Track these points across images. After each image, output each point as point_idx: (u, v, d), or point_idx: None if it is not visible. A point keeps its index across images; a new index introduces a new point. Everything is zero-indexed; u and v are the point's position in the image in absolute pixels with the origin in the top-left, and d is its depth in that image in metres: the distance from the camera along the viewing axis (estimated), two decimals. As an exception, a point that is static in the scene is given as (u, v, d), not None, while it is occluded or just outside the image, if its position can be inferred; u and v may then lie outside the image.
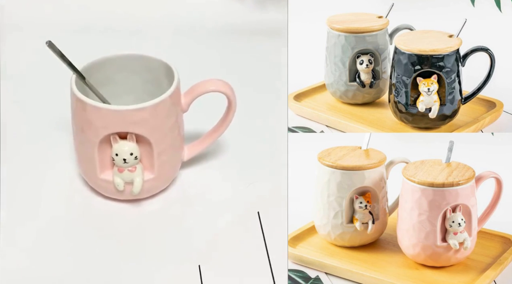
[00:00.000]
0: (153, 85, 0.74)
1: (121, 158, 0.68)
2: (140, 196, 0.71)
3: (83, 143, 0.69)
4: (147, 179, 0.70)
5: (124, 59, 0.73)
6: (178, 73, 0.70)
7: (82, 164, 0.72)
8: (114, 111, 0.66)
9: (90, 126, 0.67)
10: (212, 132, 0.75)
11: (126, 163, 0.68)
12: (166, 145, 0.70)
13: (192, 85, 0.71)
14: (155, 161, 0.69)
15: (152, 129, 0.68)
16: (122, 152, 0.68)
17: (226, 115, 0.74)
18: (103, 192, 0.72)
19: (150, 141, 0.68)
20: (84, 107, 0.67)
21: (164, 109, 0.68)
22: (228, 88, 0.72)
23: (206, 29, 0.97)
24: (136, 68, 0.74)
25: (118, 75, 0.74)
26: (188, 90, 0.71)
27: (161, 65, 0.72)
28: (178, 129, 0.71)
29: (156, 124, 0.68)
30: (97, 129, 0.67)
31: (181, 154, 0.73)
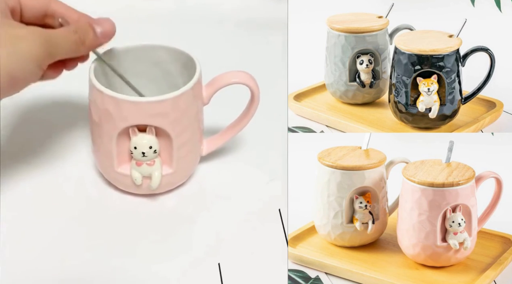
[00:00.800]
0: (173, 76, 0.72)
1: (140, 151, 0.66)
2: (158, 191, 0.70)
3: (101, 136, 0.68)
4: (166, 174, 0.68)
5: (144, 49, 0.72)
6: (200, 64, 0.68)
7: (98, 156, 0.70)
8: (134, 102, 0.64)
9: (109, 118, 0.65)
10: (233, 126, 0.73)
11: (145, 156, 0.66)
12: (186, 138, 0.68)
13: (214, 77, 0.70)
14: (174, 155, 0.68)
15: (173, 122, 0.66)
16: (141, 145, 0.66)
17: (249, 108, 0.72)
18: (119, 186, 0.71)
19: (170, 135, 0.67)
20: (103, 98, 0.65)
21: (186, 102, 0.66)
22: (251, 80, 0.70)
23: (206, 25, 0.97)
24: (156, 59, 0.72)
25: (139, 66, 0.72)
26: (209, 82, 0.69)
27: (181, 55, 0.71)
28: (199, 123, 0.70)
29: (177, 117, 0.66)
30: (116, 121, 0.65)
31: (200, 148, 0.72)
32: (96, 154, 0.71)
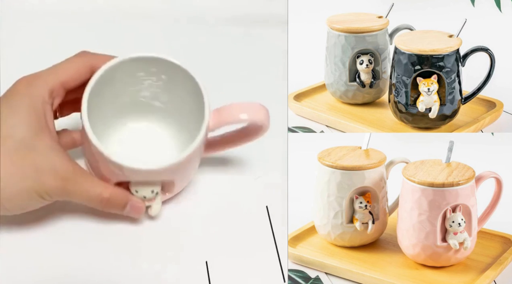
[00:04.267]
0: (175, 89, 0.66)
1: (142, 195, 0.64)
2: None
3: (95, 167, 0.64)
4: (165, 199, 0.67)
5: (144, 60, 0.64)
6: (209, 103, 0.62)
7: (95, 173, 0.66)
8: (138, 171, 0.60)
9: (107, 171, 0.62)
10: (228, 141, 0.68)
11: (146, 198, 0.64)
12: (189, 177, 0.67)
13: (220, 108, 0.63)
14: (175, 188, 0.66)
15: (178, 174, 0.64)
16: (142, 190, 0.63)
17: (250, 138, 0.67)
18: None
19: (174, 181, 0.65)
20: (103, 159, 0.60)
21: (193, 156, 0.62)
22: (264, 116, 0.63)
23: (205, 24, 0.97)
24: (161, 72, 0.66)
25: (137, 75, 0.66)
26: (218, 112, 0.63)
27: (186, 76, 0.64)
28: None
29: (182, 169, 0.63)
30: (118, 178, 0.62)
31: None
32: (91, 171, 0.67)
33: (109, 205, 0.62)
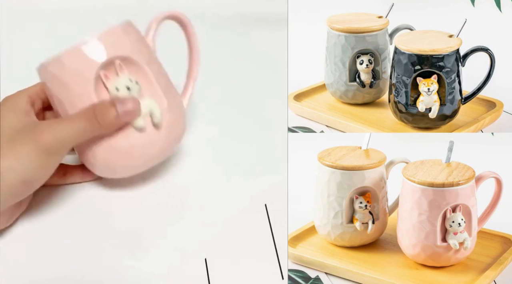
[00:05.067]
0: None
1: (124, 87, 0.65)
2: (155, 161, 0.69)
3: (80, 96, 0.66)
4: (163, 109, 0.67)
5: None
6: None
7: None
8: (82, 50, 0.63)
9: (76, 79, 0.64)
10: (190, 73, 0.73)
11: (131, 90, 0.65)
12: (156, 68, 0.67)
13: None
14: (157, 87, 0.66)
15: (130, 49, 0.65)
16: (120, 84, 0.65)
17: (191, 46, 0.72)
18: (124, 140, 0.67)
19: (139, 63, 0.66)
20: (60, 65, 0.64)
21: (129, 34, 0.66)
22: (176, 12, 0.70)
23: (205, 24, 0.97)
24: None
25: None
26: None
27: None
28: (157, 61, 0.68)
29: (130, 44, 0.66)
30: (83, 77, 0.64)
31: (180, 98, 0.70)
32: None
33: (99, 116, 0.63)
